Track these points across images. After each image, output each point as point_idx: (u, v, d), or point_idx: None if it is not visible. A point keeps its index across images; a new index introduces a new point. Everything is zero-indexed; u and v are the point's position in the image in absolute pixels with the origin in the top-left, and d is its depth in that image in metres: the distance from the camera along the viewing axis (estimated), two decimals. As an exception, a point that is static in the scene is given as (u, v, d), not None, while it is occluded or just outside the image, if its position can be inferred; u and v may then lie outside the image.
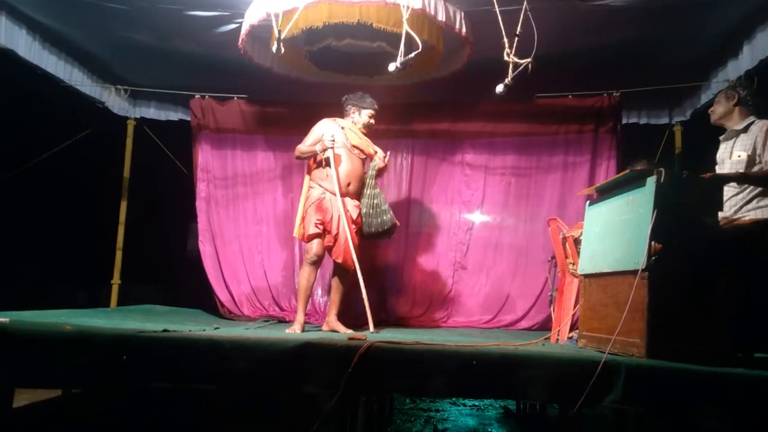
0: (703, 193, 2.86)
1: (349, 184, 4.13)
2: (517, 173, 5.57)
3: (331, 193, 4.08)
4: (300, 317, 3.95)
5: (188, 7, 4.33)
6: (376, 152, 4.27)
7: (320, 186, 4.12)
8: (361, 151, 4.20)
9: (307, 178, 4.24)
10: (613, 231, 3.06)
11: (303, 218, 4.10)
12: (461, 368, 2.51)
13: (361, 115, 4.24)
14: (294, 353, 2.58)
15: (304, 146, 4.15)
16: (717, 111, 3.32)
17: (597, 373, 2.38)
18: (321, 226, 4.00)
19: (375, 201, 4.17)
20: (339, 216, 4.05)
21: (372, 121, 4.26)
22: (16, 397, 3.72)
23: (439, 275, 5.54)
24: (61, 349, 2.61)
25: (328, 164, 4.03)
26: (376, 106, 4.26)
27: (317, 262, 4.07)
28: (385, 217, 4.17)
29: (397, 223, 4.29)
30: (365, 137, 4.28)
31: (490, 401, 5.30)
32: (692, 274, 2.71)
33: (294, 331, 3.82)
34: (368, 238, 4.30)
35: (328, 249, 4.10)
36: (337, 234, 4.07)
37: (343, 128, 4.20)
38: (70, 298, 5.60)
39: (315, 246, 4.01)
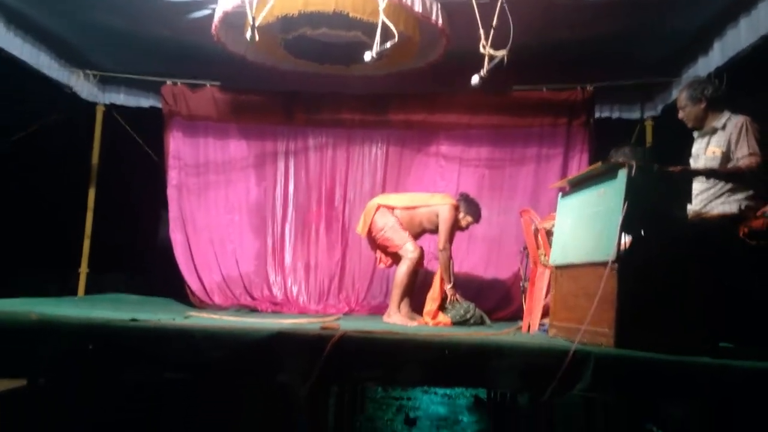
0: (673, 186, 2.90)
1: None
2: (491, 165, 5.59)
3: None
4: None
5: (161, -9, 4.25)
6: None
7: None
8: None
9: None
10: (585, 223, 3.10)
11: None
12: (432, 358, 2.52)
13: (464, 219, 4.56)
14: (266, 343, 2.57)
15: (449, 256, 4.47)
16: (689, 118, 3.33)
17: (567, 361, 2.41)
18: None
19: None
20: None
21: (468, 228, 4.67)
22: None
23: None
24: (27, 338, 2.55)
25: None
26: (479, 220, 4.66)
27: None
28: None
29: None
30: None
31: (461, 390, 5.36)
32: (661, 267, 2.75)
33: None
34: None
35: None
36: None
37: None
38: (38, 286, 5.46)
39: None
